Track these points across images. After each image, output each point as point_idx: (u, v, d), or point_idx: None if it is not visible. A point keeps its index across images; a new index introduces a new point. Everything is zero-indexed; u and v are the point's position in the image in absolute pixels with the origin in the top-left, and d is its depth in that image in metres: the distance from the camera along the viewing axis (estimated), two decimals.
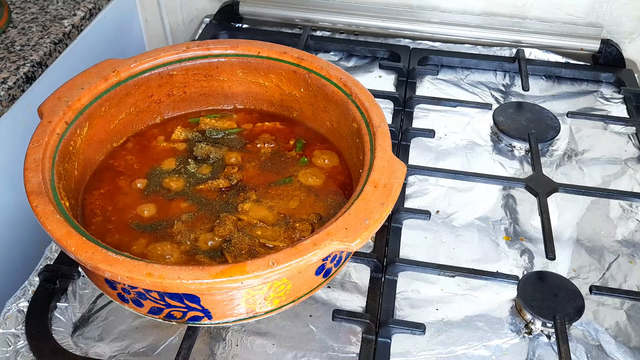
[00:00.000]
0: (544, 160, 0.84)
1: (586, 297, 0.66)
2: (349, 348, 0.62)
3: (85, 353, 0.62)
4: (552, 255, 0.68)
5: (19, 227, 0.88)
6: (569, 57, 1.03)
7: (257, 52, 0.75)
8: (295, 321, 0.65)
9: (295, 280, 0.56)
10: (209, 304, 0.55)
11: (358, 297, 0.67)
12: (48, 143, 0.61)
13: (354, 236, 0.53)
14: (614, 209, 0.78)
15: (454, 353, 0.62)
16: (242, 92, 0.78)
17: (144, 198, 0.67)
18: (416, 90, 0.97)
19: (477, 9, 1.07)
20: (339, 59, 1.05)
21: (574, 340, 0.64)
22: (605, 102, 0.96)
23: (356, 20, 1.08)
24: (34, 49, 0.87)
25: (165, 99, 0.76)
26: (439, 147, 0.87)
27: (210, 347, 0.62)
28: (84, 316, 0.65)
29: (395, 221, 0.74)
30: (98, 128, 0.70)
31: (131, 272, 0.50)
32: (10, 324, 0.63)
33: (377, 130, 0.63)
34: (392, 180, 0.58)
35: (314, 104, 0.74)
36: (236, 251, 0.60)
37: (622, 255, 0.73)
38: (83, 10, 0.97)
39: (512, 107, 0.92)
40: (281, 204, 0.67)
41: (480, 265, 0.71)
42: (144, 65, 0.73)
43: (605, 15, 1.04)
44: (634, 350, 0.63)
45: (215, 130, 0.75)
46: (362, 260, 0.69)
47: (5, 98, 0.81)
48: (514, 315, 0.66)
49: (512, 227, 0.76)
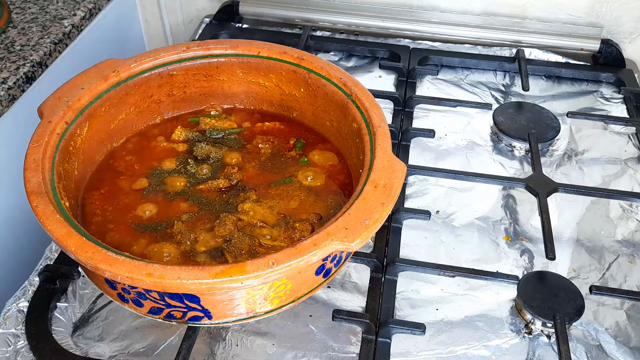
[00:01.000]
0: (544, 160, 0.84)
1: (586, 297, 0.66)
2: (349, 348, 0.62)
3: (85, 353, 0.62)
4: (552, 255, 0.68)
5: (19, 227, 0.89)
6: (569, 57, 1.03)
7: (257, 52, 0.75)
8: (295, 321, 0.64)
9: (295, 280, 0.56)
10: (209, 304, 0.55)
11: (358, 297, 0.67)
12: (48, 143, 0.61)
13: (354, 236, 0.53)
14: (614, 209, 0.78)
15: (454, 353, 0.62)
16: (242, 92, 0.78)
17: (144, 198, 0.67)
18: (416, 90, 0.97)
19: (477, 9, 1.07)
20: (339, 59, 1.05)
21: (574, 340, 0.64)
22: (605, 102, 0.96)
23: (356, 20, 1.08)
24: (34, 49, 0.87)
25: (165, 99, 0.76)
26: (439, 147, 0.87)
27: (210, 347, 0.62)
28: (84, 316, 0.65)
29: (395, 221, 0.74)
30: (98, 128, 0.70)
31: (131, 272, 0.50)
32: (10, 324, 0.63)
33: (377, 130, 0.63)
34: (392, 180, 0.58)
35: (314, 104, 0.74)
36: (236, 251, 0.60)
37: (622, 255, 0.73)
38: (83, 10, 0.97)
39: (512, 107, 0.92)
40: (281, 204, 0.67)
41: (480, 265, 0.71)
42: (144, 65, 0.73)
43: (605, 15, 1.04)
44: (634, 350, 0.63)
45: (215, 130, 0.75)
46: (362, 260, 0.69)
47: (5, 98, 0.81)
48: (514, 315, 0.66)
49: (512, 227, 0.76)
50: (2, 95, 0.80)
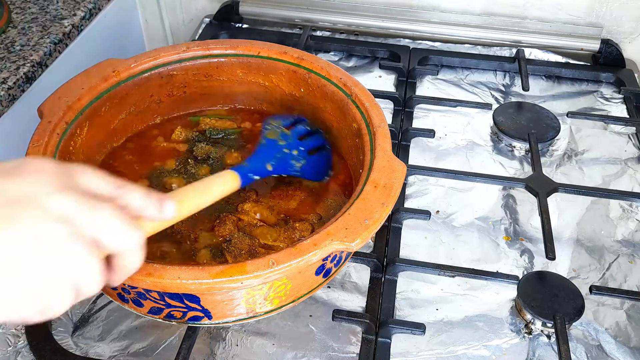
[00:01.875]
0: (544, 160, 0.84)
1: (586, 297, 0.66)
2: (349, 348, 0.62)
3: (85, 353, 0.62)
4: (552, 255, 0.68)
5: None
6: (569, 57, 1.03)
7: (257, 52, 0.75)
8: (295, 321, 0.64)
9: (295, 280, 0.56)
10: (209, 304, 0.55)
11: (358, 297, 0.67)
12: (48, 143, 0.61)
13: (354, 236, 0.53)
14: (614, 209, 0.78)
15: (454, 353, 0.62)
16: (242, 92, 0.78)
17: None
18: (416, 90, 0.97)
19: (477, 9, 1.07)
20: (339, 59, 1.05)
21: (574, 340, 0.64)
22: (605, 102, 0.96)
23: (356, 20, 1.08)
24: (34, 49, 0.87)
25: (165, 99, 0.76)
26: (439, 147, 0.87)
27: (210, 347, 0.62)
28: (84, 316, 0.65)
29: (395, 221, 0.74)
30: (98, 128, 0.70)
31: None
32: (10, 324, 0.63)
33: (377, 130, 0.63)
34: (392, 180, 0.58)
35: (314, 104, 0.74)
36: (236, 251, 0.60)
37: (622, 255, 0.73)
38: (83, 10, 0.97)
39: (512, 107, 0.92)
40: (281, 204, 0.67)
41: (480, 265, 0.71)
42: (144, 65, 0.73)
43: (605, 15, 1.04)
44: (634, 350, 0.63)
45: (215, 130, 0.75)
46: (362, 260, 0.69)
47: (5, 98, 0.81)
48: (514, 315, 0.66)
49: (512, 227, 0.76)
50: (2, 95, 0.80)
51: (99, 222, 0.39)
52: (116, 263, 0.41)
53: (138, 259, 0.42)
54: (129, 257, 0.41)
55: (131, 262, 0.42)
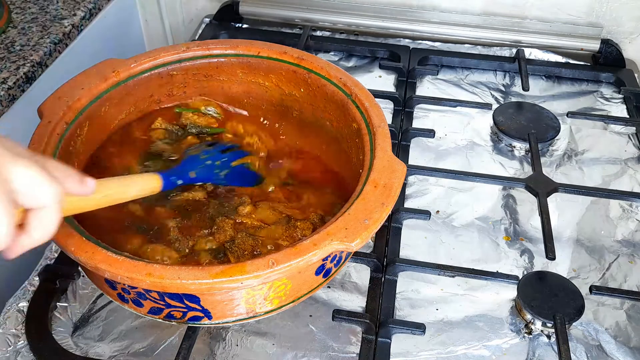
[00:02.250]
0: (544, 160, 0.84)
1: (586, 297, 0.66)
2: (349, 348, 0.62)
3: (85, 353, 0.62)
4: (552, 255, 0.68)
5: None
6: (569, 57, 1.03)
7: (257, 52, 0.75)
8: (295, 321, 0.65)
9: (295, 280, 0.56)
10: (209, 304, 0.55)
11: (358, 297, 0.67)
12: (48, 143, 0.61)
13: (354, 236, 0.53)
14: (614, 209, 0.78)
15: (454, 353, 0.62)
16: (242, 92, 0.78)
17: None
18: (416, 90, 0.97)
19: (477, 9, 1.07)
20: (339, 59, 1.05)
21: (574, 340, 0.64)
22: (605, 102, 0.96)
23: (356, 20, 1.08)
24: (34, 49, 0.87)
25: (165, 99, 0.76)
26: (439, 147, 0.87)
27: (210, 347, 0.62)
28: (84, 316, 0.65)
29: (395, 221, 0.74)
30: (98, 128, 0.70)
31: (131, 272, 0.50)
32: (10, 324, 0.63)
33: (377, 130, 0.63)
34: (392, 180, 0.58)
35: (314, 104, 0.74)
36: (239, 252, 0.60)
37: (622, 255, 0.73)
38: (83, 10, 0.97)
39: (512, 107, 0.92)
40: (281, 204, 0.67)
41: (480, 265, 0.71)
42: (144, 65, 0.73)
43: (605, 15, 1.04)
44: (634, 350, 0.63)
45: (195, 126, 0.75)
46: (362, 260, 0.69)
47: (5, 98, 0.81)
48: (514, 315, 0.66)
49: (512, 227, 0.76)
50: (2, 95, 0.80)
51: (15, 174, 0.38)
52: (30, 221, 0.40)
53: (54, 219, 0.41)
54: (45, 215, 0.40)
55: (46, 222, 0.40)
